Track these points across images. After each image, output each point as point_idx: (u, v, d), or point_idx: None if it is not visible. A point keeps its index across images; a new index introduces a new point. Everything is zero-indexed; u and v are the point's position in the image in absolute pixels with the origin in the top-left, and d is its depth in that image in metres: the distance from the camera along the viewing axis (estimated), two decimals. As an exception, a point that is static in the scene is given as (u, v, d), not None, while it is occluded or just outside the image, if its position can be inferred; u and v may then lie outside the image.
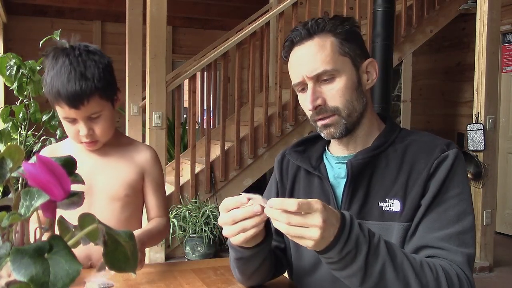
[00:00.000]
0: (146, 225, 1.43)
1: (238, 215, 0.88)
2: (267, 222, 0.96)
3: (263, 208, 0.86)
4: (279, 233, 1.21)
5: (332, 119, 1.07)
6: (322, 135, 1.11)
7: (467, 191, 1.03)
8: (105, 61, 1.32)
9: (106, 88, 1.31)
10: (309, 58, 1.06)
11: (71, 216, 0.59)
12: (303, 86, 1.09)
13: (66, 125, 1.35)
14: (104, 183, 1.40)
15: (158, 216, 1.48)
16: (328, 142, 1.20)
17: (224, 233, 0.92)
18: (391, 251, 0.89)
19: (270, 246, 1.06)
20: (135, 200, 1.45)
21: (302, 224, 0.81)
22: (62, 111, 1.31)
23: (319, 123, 1.09)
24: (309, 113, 1.11)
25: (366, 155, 1.07)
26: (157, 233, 1.43)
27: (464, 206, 1.01)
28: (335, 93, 1.06)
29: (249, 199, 0.89)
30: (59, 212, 0.56)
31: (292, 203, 0.80)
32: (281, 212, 0.81)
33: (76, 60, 1.26)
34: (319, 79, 1.06)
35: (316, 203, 0.82)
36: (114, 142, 1.44)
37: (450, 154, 1.03)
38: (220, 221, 0.92)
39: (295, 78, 1.10)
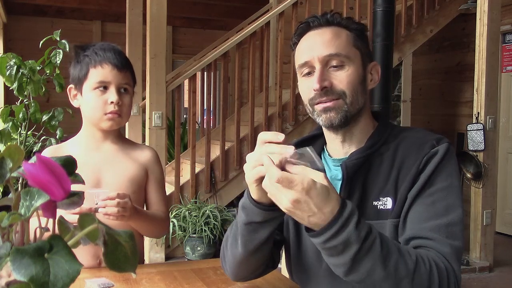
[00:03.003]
0: None
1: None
2: None
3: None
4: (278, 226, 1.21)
5: (335, 102, 1.06)
6: (320, 119, 1.09)
7: (456, 185, 1.03)
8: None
9: (133, 72, 1.48)
10: (324, 40, 1.07)
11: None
12: (309, 70, 1.08)
13: (94, 95, 1.41)
14: (111, 179, 1.44)
15: (159, 210, 1.51)
16: (326, 143, 1.19)
17: (248, 161, 0.92)
18: (385, 251, 0.88)
19: (282, 218, 1.03)
20: (139, 197, 1.48)
21: (278, 188, 0.83)
22: (99, 74, 1.40)
23: (320, 106, 1.07)
24: (309, 96, 1.08)
25: (360, 155, 1.07)
26: (152, 216, 1.45)
27: (452, 199, 1.01)
28: (343, 78, 1.06)
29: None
30: (59, 212, 0.56)
31: (274, 174, 0.82)
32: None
33: (111, 44, 1.46)
34: (329, 64, 1.06)
35: (301, 183, 0.82)
36: (118, 142, 1.50)
37: (440, 149, 1.04)
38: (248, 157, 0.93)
39: (303, 58, 1.08)
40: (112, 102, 1.39)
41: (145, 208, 1.53)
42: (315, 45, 1.08)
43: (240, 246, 1.04)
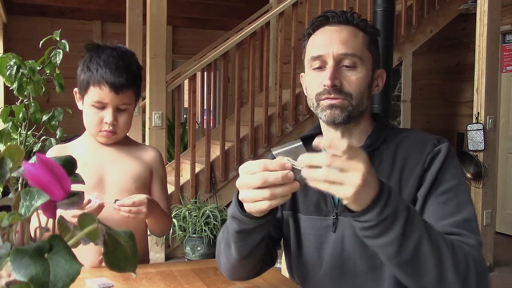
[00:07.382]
0: None
1: (269, 179, 0.81)
2: None
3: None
4: (275, 224, 1.20)
5: (341, 101, 1.07)
6: (324, 115, 1.08)
7: (464, 183, 1.05)
8: (140, 66, 1.50)
9: (139, 87, 1.48)
10: (342, 38, 1.07)
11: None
12: (320, 64, 1.08)
13: (91, 111, 1.42)
14: (115, 176, 1.46)
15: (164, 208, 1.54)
16: None
17: (243, 196, 0.85)
18: (427, 224, 0.88)
19: (273, 221, 1.01)
20: (143, 193, 1.47)
21: (345, 166, 0.76)
22: (97, 95, 1.40)
23: (326, 102, 1.07)
24: (317, 90, 1.08)
25: None
26: (163, 212, 1.48)
27: (462, 196, 1.03)
28: (353, 80, 1.07)
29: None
30: (59, 212, 0.56)
31: (342, 143, 0.76)
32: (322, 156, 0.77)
33: (123, 55, 1.43)
34: (342, 62, 1.07)
35: (357, 149, 0.79)
36: (123, 142, 1.53)
37: (442, 148, 1.06)
38: (240, 183, 0.85)
39: (318, 51, 1.08)
40: (107, 123, 1.41)
41: None
42: (332, 41, 1.08)
43: (234, 252, 1.04)
